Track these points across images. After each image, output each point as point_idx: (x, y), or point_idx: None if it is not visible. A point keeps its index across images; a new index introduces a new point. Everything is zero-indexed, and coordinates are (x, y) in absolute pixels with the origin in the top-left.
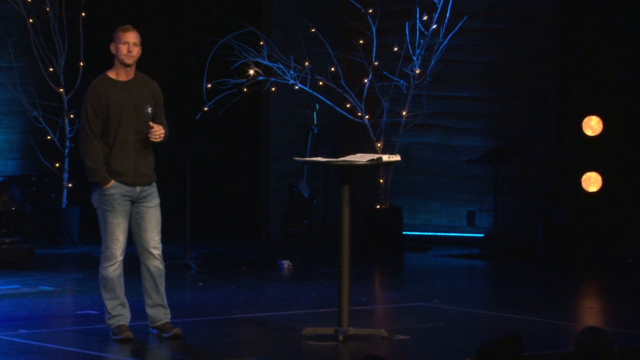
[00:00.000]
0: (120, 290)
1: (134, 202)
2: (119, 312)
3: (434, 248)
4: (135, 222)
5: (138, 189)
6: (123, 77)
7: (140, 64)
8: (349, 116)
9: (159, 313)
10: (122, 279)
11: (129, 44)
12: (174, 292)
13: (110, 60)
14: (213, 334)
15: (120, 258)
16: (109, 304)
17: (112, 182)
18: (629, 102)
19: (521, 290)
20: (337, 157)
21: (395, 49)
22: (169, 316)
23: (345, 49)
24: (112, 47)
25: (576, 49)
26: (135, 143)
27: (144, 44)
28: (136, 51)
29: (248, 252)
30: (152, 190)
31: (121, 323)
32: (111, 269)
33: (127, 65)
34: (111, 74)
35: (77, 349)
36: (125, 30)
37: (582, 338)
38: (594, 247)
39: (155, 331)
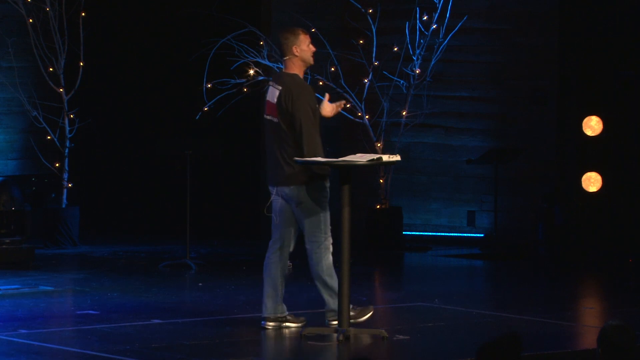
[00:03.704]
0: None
1: None
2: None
3: (434, 248)
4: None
5: None
6: (302, 77)
7: (141, 63)
8: (349, 116)
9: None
10: None
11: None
12: (174, 292)
13: (110, 61)
14: (213, 334)
15: None
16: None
17: None
18: (629, 102)
19: (521, 290)
20: (337, 157)
21: (395, 49)
22: None
23: (345, 49)
24: (295, 49)
25: (576, 49)
26: None
27: (143, 43)
28: None
29: (248, 252)
30: None
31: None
32: (331, 256)
33: (310, 65)
34: (300, 73)
35: (77, 349)
36: (306, 32)
37: (607, 334)
38: (594, 247)
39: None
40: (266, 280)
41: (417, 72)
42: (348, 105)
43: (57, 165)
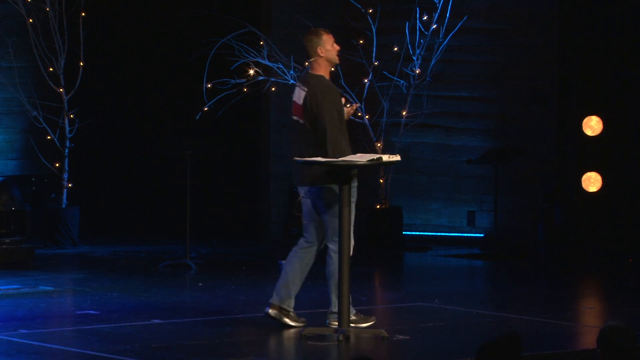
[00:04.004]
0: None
1: None
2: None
3: (434, 248)
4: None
5: None
6: (329, 77)
7: (141, 63)
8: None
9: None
10: None
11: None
12: (174, 292)
13: (110, 61)
14: (213, 334)
15: None
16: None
17: None
18: (629, 102)
19: (521, 290)
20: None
21: (395, 49)
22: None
23: (345, 49)
24: (320, 50)
25: (576, 49)
26: None
27: (143, 43)
28: None
29: (248, 252)
30: None
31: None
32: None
33: (336, 65)
34: (325, 75)
35: (77, 349)
36: (328, 32)
37: (607, 334)
38: (594, 247)
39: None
40: (285, 270)
41: (417, 72)
42: (348, 105)
43: (57, 165)
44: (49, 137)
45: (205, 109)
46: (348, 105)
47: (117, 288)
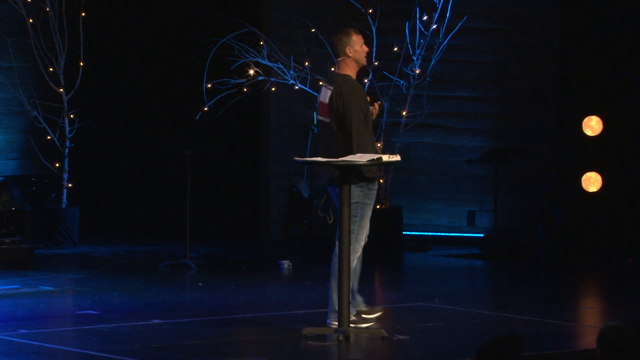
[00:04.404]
0: (354, 279)
1: None
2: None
3: (434, 248)
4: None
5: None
6: (356, 77)
7: (141, 63)
8: None
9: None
10: None
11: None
12: (174, 292)
13: (110, 61)
14: (213, 334)
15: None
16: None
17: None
18: (629, 102)
19: (521, 290)
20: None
21: (395, 49)
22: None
23: None
24: (349, 50)
25: (576, 49)
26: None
27: (143, 43)
28: None
29: (248, 252)
30: None
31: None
32: (356, 260)
33: (364, 66)
34: (351, 74)
35: (77, 349)
36: (358, 33)
37: (607, 334)
38: (594, 247)
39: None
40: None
41: (417, 72)
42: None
43: (57, 165)
44: (49, 137)
45: (205, 109)
46: (376, 104)
47: (117, 288)
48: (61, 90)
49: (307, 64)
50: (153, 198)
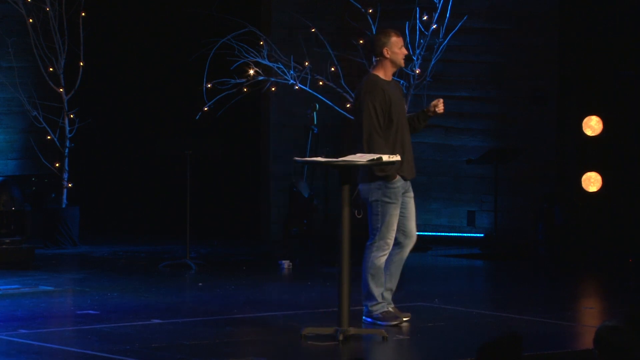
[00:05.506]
0: (383, 277)
1: (402, 194)
2: (384, 299)
3: (434, 248)
4: (401, 213)
5: (408, 182)
6: (389, 78)
7: (141, 63)
8: (349, 116)
9: (390, 297)
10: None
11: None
12: (174, 292)
13: (110, 61)
14: (213, 334)
15: (391, 248)
16: (376, 292)
17: (397, 176)
18: (629, 102)
19: (521, 290)
20: (337, 157)
21: None
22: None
23: (345, 49)
24: (386, 51)
25: (576, 49)
26: (409, 138)
27: (143, 43)
28: None
29: (248, 252)
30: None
31: (386, 309)
32: (383, 258)
33: (400, 67)
34: (380, 74)
35: (77, 349)
36: (399, 35)
37: (602, 335)
38: (594, 247)
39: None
40: (385, 275)
41: (417, 72)
42: (348, 105)
43: (57, 165)
44: (49, 137)
45: (205, 109)
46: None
47: (117, 288)
48: (61, 90)
49: (307, 64)
50: (153, 198)
